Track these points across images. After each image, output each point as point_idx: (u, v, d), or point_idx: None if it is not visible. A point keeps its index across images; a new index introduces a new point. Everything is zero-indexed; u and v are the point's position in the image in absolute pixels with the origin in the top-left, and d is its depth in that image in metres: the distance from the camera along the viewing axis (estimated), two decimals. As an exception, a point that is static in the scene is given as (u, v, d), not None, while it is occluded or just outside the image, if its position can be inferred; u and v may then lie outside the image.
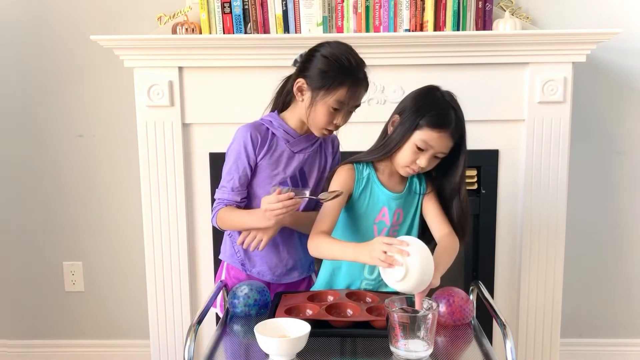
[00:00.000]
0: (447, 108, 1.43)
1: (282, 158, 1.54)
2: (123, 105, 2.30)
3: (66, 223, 2.47)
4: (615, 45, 2.21)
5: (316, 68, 1.46)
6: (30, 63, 2.36)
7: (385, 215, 1.50)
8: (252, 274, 1.61)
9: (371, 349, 1.23)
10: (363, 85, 1.48)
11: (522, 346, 2.20)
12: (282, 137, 1.53)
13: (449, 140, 1.43)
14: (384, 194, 1.50)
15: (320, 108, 1.46)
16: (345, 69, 1.44)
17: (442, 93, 1.46)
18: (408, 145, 1.44)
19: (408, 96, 1.50)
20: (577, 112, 2.24)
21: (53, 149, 2.42)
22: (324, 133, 1.51)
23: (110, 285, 2.51)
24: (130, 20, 2.29)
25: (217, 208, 1.54)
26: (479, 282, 1.50)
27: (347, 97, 1.44)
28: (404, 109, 1.47)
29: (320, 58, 1.46)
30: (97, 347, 2.53)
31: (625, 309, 2.48)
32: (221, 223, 1.55)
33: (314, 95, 1.46)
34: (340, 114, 1.47)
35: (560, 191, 2.12)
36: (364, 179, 1.50)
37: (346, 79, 1.43)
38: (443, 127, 1.41)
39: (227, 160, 1.55)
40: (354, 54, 1.47)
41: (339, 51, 1.46)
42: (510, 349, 1.21)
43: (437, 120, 1.41)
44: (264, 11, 2.04)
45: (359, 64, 1.46)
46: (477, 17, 2.08)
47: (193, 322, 1.25)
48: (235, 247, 1.61)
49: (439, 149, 1.43)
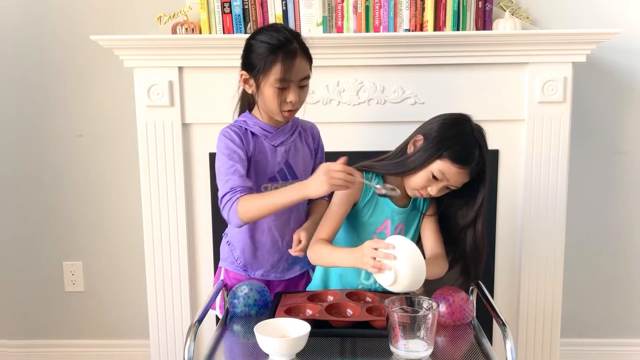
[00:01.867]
0: (474, 145, 1.42)
1: (266, 154, 1.53)
2: (123, 105, 2.30)
3: (66, 223, 2.47)
4: (615, 45, 2.21)
5: (249, 56, 1.47)
6: (31, 63, 2.36)
7: (387, 227, 1.50)
8: (256, 277, 1.60)
9: (371, 349, 1.23)
10: (298, 56, 1.45)
11: (522, 346, 2.20)
12: (260, 133, 1.53)
13: (466, 177, 1.42)
14: (389, 207, 1.50)
15: (266, 91, 1.46)
16: (273, 46, 1.43)
17: (472, 127, 1.44)
18: (424, 172, 1.42)
19: (437, 119, 1.47)
20: (577, 112, 2.24)
21: (53, 149, 2.42)
22: (285, 116, 1.49)
23: (110, 285, 2.51)
24: (130, 20, 2.29)
25: (234, 199, 1.42)
26: (479, 282, 1.50)
27: (283, 71, 1.42)
28: (429, 132, 1.44)
29: (249, 45, 1.49)
30: (97, 347, 2.53)
31: (625, 309, 2.48)
32: (247, 211, 1.41)
33: (256, 81, 1.47)
34: (289, 91, 1.45)
35: (560, 191, 2.12)
36: (371, 189, 1.49)
37: (276, 55, 1.42)
38: (465, 164, 1.40)
39: (220, 160, 1.50)
40: (279, 29, 1.47)
41: (264, 32, 1.47)
42: (510, 349, 1.21)
43: (461, 156, 1.39)
44: (264, 11, 2.04)
45: (287, 37, 1.45)
46: (477, 17, 2.08)
47: (193, 322, 1.25)
48: (235, 254, 1.60)
49: (453, 183, 1.42)
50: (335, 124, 2.06)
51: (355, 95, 2.07)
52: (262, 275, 1.60)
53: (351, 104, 2.07)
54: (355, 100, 2.07)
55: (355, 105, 2.07)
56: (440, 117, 1.47)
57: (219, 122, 2.09)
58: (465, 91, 2.07)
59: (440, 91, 2.07)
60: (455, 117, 1.46)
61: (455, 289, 1.43)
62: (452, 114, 1.48)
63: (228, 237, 1.64)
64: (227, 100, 2.08)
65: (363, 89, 2.07)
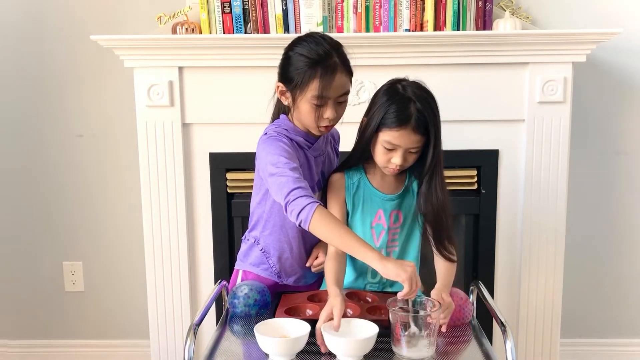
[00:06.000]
0: (406, 102, 1.37)
1: (309, 166, 1.50)
2: (123, 105, 2.30)
3: (66, 223, 2.47)
4: (615, 45, 2.22)
5: (287, 68, 1.42)
6: (31, 63, 2.36)
7: (382, 217, 1.49)
8: (288, 283, 1.58)
9: (372, 349, 1.23)
10: (338, 71, 1.38)
11: (522, 346, 2.20)
12: (303, 144, 1.48)
13: (413, 135, 1.37)
14: (377, 196, 1.49)
15: (303, 107, 1.40)
16: (312, 61, 1.36)
17: (403, 86, 1.41)
18: (378, 147, 1.42)
19: (374, 95, 1.46)
20: (577, 112, 2.24)
21: (53, 148, 2.42)
22: (321, 130, 1.45)
23: (110, 285, 2.51)
24: (130, 20, 2.29)
25: (313, 206, 1.28)
26: (479, 282, 1.50)
27: (321, 88, 1.36)
28: (369, 109, 1.44)
29: (287, 57, 1.42)
30: (97, 347, 2.53)
31: (625, 309, 2.48)
32: (317, 227, 1.29)
33: (293, 95, 1.41)
34: (327, 107, 1.39)
35: (560, 191, 2.12)
36: (354, 185, 1.49)
37: (314, 70, 1.36)
38: (401, 125, 1.36)
39: (278, 157, 1.36)
40: (319, 42, 1.39)
41: (303, 44, 1.39)
42: (510, 349, 1.21)
43: (395, 118, 1.37)
44: (264, 11, 2.04)
45: (326, 51, 1.38)
46: (477, 17, 2.08)
47: (193, 322, 1.25)
48: (271, 261, 1.56)
49: (405, 146, 1.38)
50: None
51: (356, 95, 2.07)
52: (295, 282, 1.58)
53: (351, 104, 2.05)
54: (356, 100, 2.07)
55: (355, 105, 2.07)
56: (376, 92, 1.45)
57: (219, 122, 2.11)
58: (465, 91, 2.07)
59: (440, 91, 2.04)
60: (385, 85, 1.44)
61: (454, 289, 1.43)
62: (384, 84, 1.45)
63: (261, 244, 1.56)
64: (227, 100, 2.10)
65: (363, 89, 2.07)
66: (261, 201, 1.53)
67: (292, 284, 1.58)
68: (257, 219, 1.56)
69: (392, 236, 1.49)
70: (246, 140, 1.93)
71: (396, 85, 1.42)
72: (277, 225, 1.51)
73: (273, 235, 1.53)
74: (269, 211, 1.51)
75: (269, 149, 1.40)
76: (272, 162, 1.36)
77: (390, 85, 1.43)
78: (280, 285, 1.59)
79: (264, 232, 1.54)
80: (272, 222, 1.52)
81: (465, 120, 2.09)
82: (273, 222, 1.52)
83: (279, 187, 1.33)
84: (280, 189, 1.33)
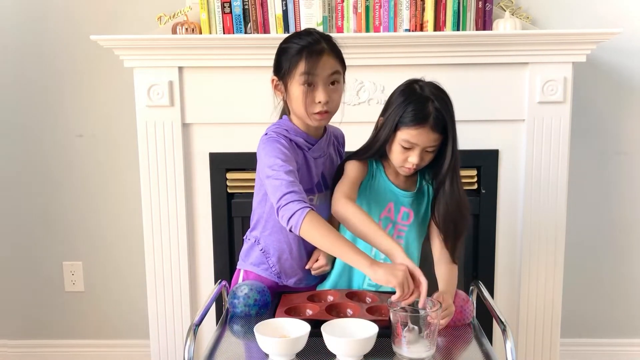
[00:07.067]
0: (424, 101, 1.39)
1: (308, 167, 1.49)
2: (123, 105, 2.30)
3: (66, 223, 2.47)
4: (615, 45, 2.22)
5: (278, 59, 1.45)
6: (30, 63, 2.36)
7: (391, 211, 1.50)
8: (289, 284, 1.58)
9: (372, 349, 1.23)
10: (325, 53, 1.39)
11: (522, 346, 2.20)
12: (303, 145, 1.48)
13: (431, 134, 1.39)
14: (391, 189, 1.50)
15: (294, 92, 1.41)
16: (300, 47, 1.39)
17: (420, 86, 1.43)
18: (395, 146, 1.43)
19: (390, 95, 1.48)
20: (577, 112, 2.24)
21: (53, 149, 2.42)
22: (316, 118, 1.43)
23: (110, 285, 2.51)
24: (130, 20, 2.29)
25: (304, 211, 1.29)
26: (479, 282, 1.50)
27: (308, 65, 1.37)
28: (385, 110, 1.47)
29: (279, 50, 1.45)
30: (97, 347, 2.53)
31: (625, 309, 2.48)
32: (308, 230, 1.29)
33: (285, 83, 1.43)
34: (318, 90, 1.39)
35: (560, 191, 2.12)
36: (372, 172, 1.51)
37: (301, 53, 1.38)
38: (420, 123, 1.38)
39: (275, 159, 1.36)
40: (312, 33, 1.43)
41: (295, 36, 1.44)
42: (510, 349, 1.21)
43: (414, 117, 1.39)
44: (264, 11, 2.04)
45: (315, 39, 1.40)
46: (477, 17, 2.08)
47: (193, 322, 1.25)
48: (270, 261, 1.55)
49: (423, 145, 1.40)
50: (335, 124, 2.05)
51: (356, 95, 2.07)
52: (295, 283, 1.58)
53: (351, 104, 2.07)
54: (356, 100, 2.07)
55: (355, 105, 2.07)
56: (394, 90, 1.48)
57: (219, 122, 2.11)
58: (465, 91, 2.07)
59: (440, 91, 2.06)
60: (402, 85, 1.47)
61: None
62: (401, 84, 1.48)
63: (261, 244, 1.56)
64: (227, 100, 2.10)
65: (363, 89, 2.07)
66: (261, 201, 1.53)
67: (292, 286, 1.58)
68: (257, 218, 1.56)
69: (399, 232, 1.50)
70: (246, 140, 1.93)
71: (413, 85, 1.44)
72: (277, 225, 1.51)
73: (273, 235, 1.53)
74: (269, 211, 1.51)
75: (267, 150, 1.41)
76: (269, 164, 1.37)
77: (407, 85, 1.46)
78: (281, 286, 1.58)
79: (264, 232, 1.54)
80: (272, 222, 1.52)
81: (465, 120, 2.07)
82: (273, 223, 1.51)
83: (273, 190, 1.34)
84: (273, 193, 1.34)
